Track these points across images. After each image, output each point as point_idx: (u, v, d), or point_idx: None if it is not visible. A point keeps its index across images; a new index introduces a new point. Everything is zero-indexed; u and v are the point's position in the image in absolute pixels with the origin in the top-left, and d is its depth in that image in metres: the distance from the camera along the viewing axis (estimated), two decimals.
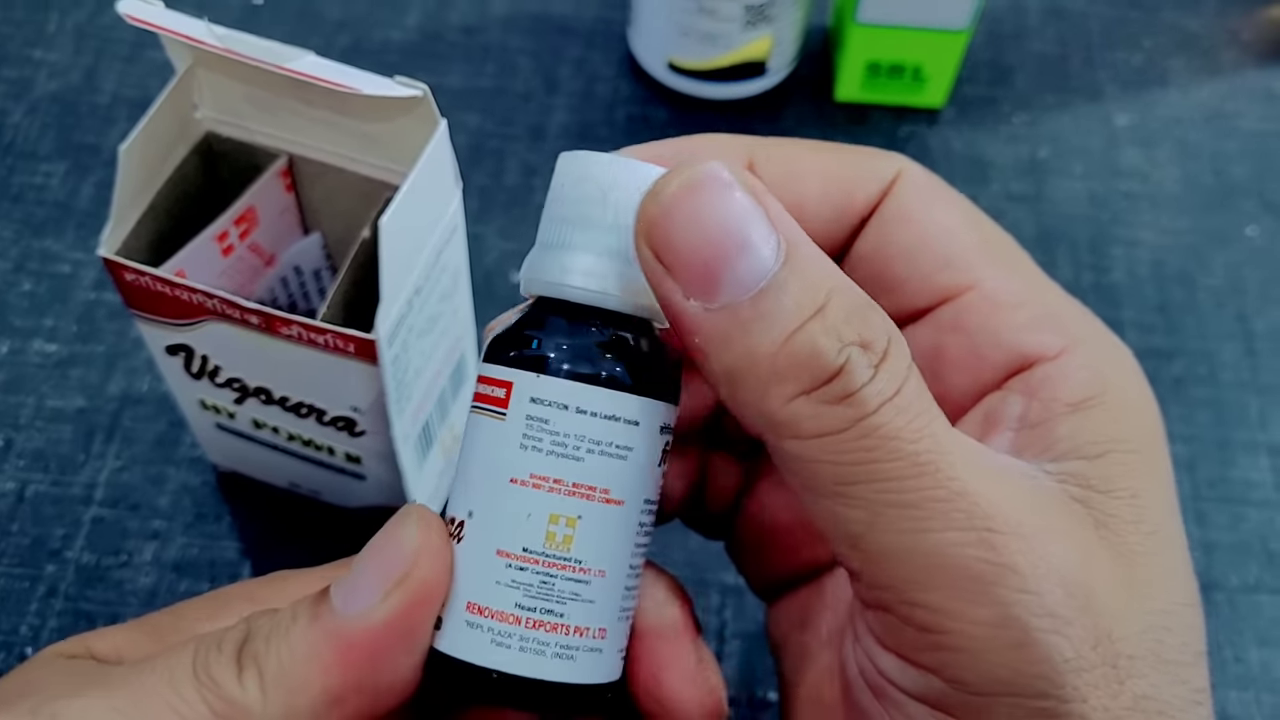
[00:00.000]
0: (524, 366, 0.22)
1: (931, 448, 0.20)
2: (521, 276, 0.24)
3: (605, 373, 0.22)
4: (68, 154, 0.48)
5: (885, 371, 0.20)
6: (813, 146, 0.26)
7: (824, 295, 0.20)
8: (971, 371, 0.25)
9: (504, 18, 0.54)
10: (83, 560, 0.39)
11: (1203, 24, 0.56)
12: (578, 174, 0.23)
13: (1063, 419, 0.23)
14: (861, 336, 0.20)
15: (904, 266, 0.25)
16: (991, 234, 0.26)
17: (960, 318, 0.25)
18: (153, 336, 0.33)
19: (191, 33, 0.29)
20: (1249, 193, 0.50)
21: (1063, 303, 0.25)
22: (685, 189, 0.21)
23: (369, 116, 0.31)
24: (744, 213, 0.20)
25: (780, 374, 0.20)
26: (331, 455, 0.35)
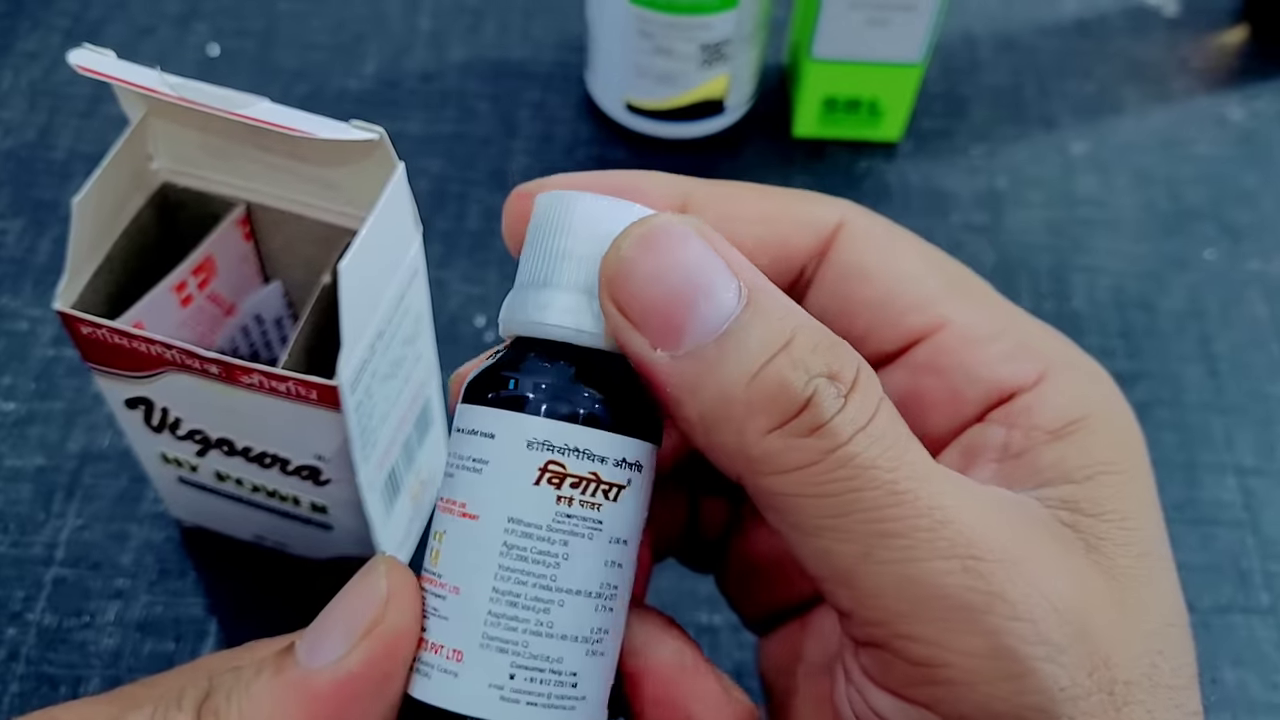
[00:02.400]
0: (504, 407, 0.22)
1: (909, 475, 0.20)
2: (500, 318, 0.23)
3: (584, 411, 0.22)
4: (24, 210, 0.48)
5: (855, 401, 0.20)
6: (751, 190, 0.26)
7: (789, 332, 0.20)
8: (950, 410, 0.25)
9: (462, 63, 0.54)
10: (44, 622, 0.38)
11: (1153, 52, 0.57)
12: (555, 213, 0.23)
13: (1046, 446, 0.23)
14: (829, 367, 0.20)
15: (868, 317, 0.25)
16: (951, 270, 0.26)
17: (934, 358, 0.25)
18: (111, 390, 0.32)
19: (144, 82, 0.29)
20: (1205, 216, 0.51)
21: (1034, 330, 0.25)
22: (643, 242, 0.21)
23: (326, 161, 0.31)
24: (703, 261, 0.21)
25: (751, 410, 0.20)
26: (297, 506, 0.35)
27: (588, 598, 0.22)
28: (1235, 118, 0.54)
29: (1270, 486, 0.43)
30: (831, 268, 0.25)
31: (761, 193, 0.26)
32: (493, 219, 0.48)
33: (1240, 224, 0.50)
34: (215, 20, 0.55)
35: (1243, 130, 0.54)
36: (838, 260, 0.25)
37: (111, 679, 0.37)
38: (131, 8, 0.55)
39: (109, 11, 0.55)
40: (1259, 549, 0.41)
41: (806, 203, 0.26)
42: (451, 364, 0.43)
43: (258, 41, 0.54)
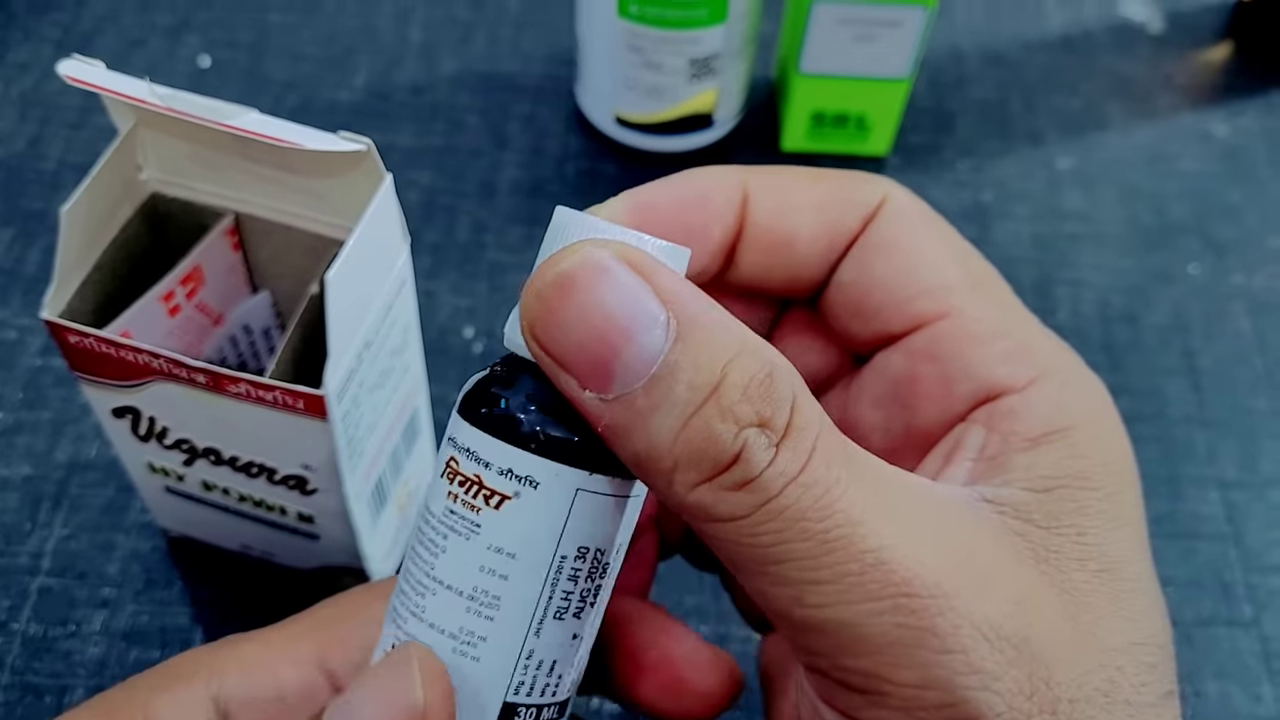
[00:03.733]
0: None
1: (842, 522, 0.20)
2: (511, 332, 0.23)
3: (484, 413, 0.22)
4: (14, 220, 0.48)
5: (787, 449, 0.20)
6: (806, 175, 0.26)
7: (719, 371, 0.20)
8: (941, 400, 0.25)
9: (452, 76, 0.54)
10: (30, 631, 0.38)
11: (1138, 69, 0.57)
12: (557, 230, 0.22)
13: (1020, 453, 0.23)
14: (759, 414, 0.20)
15: (882, 294, 0.25)
16: (973, 263, 0.26)
17: (933, 345, 0.25)
18: (98, 399, 0.32)
19: (133, 93, 0.29)
20: (1190, 231, 0.51)
21: (1038, 335, 0.25)
22: (563, 280, 0.20)
23: (314, 172, 0.31)
24: (628, 296, 0.20)
25: (680, 463, 0.20)
26: (284, 515, 0.35)
27: (458, 596, 0.22)
28: (1220, 134, 0.55)
29: (1252, 500, 0.43)
30: (864, 241, 0.25)
31: (814, 177, 0.26)
32: (482, 231, 0.49)
33: (1224, 239, 0.51)
34: (206, 32, 0.55)
35: (1227, 146, 0.54)
36: (871, 234, 0.25)
37: (96, 688, 0.37)
38: (123, 19, 0.55)
39: (100, 23, 0.55)
40: (1241, 562, 0.41)
41: (856, 182, 0.26)
42: (439, 376, 0.44)
43: (248, 53, 0.55)
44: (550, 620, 0.22)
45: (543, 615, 0.22)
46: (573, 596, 0.22)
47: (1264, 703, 0.38)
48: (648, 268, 0.20)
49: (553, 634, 0.22)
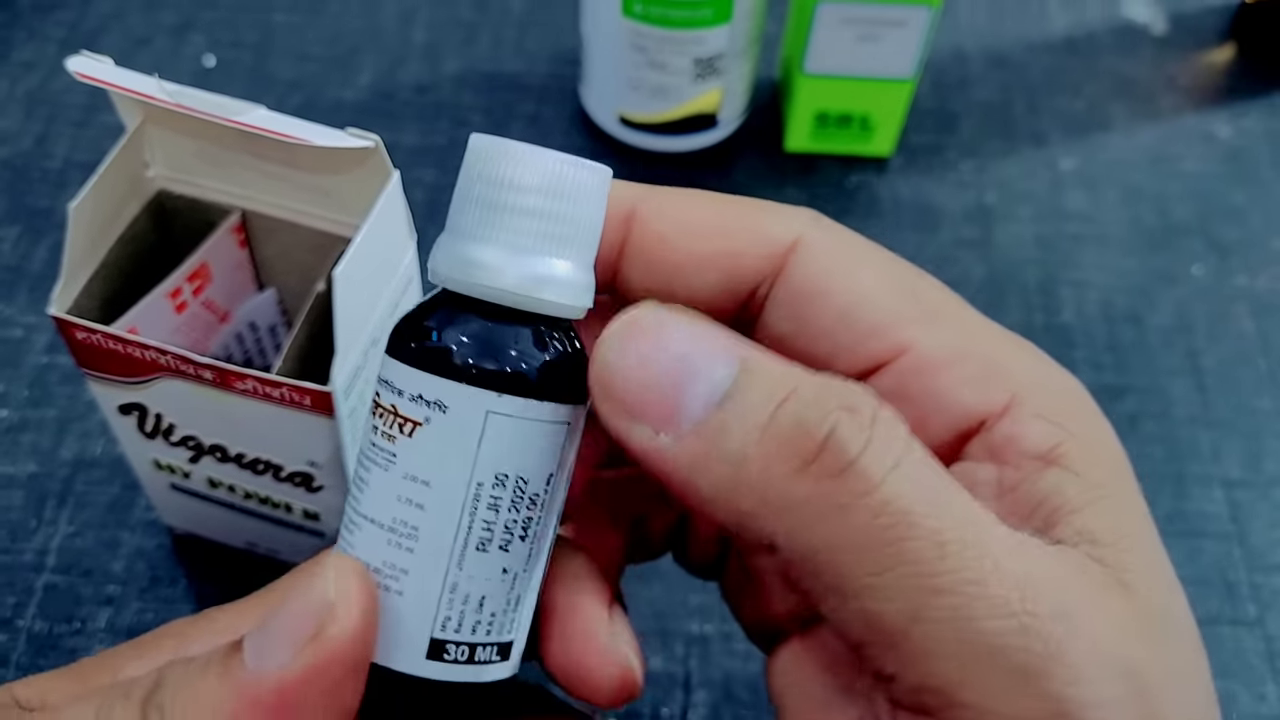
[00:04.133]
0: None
1: (954, 521, 0.19)
2: (430, 264, 0.23)
3: (395, 343, 0.22)
4: (20, 218, 0.48)
5: (880, 436, 0.19)
6: (705, 199, 0.24)
7: (792, 382, 0.19)
8: (921, 437, 0.24)
9: (456, 75, 0.54)
10: (35, 629, 0.38)
11: (1141, 70, 0.57)
12: (487, 161, 0.22)
13: (1040, 476, 0.22)
14: (845, 400, 0.19)
15: (829, 343, 0.24)
16: (914, 285, 0.24)
17: (898, 385, 0.23)
18: (105, 396, 0.32)
19: (142, 89, 0.29)
20: (1193, 232, 0.51)
21: (999, 345, 0.24)
22: (623, 337, 0.20)
23: (322, 169, 0.32)
24: (688, 340, 0.20)
25: (768, 461, 0.19)
26: (289, 513, 0.35)
27: (379, 529, 0.22)
28: (1223, 135, 0.55)
29: (1257, 499, 0.43)
30: (788, 287, 0.24)
31: (716, 202, 0.24)
32: None
33: (1227, 240, 0.51)
34: (211, 31, 0.55)
35: (1230, 148, 0.54)
36: (794, 279, 0.24)
37: None
38: (128, 18, 0.55)
39: (105, 22, 0.55)
40: (1245, 561, 0.41)
41: (764, 214, 0.24)
42: None
43: (253, 53, 0.55)
44: (473, 552, 0.22)
45: (463, 546, 0.22)
46: (495, 527, 0.22)
47: (1268, 701, 0.38)
48: (702, 319, 0.20)
49: (477, 567, 0.22)
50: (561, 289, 0.22)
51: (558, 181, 0.21)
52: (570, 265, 0.22)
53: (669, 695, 0.37)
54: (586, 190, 0.22)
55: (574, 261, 0.22)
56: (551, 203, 0.21)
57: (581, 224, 0.22)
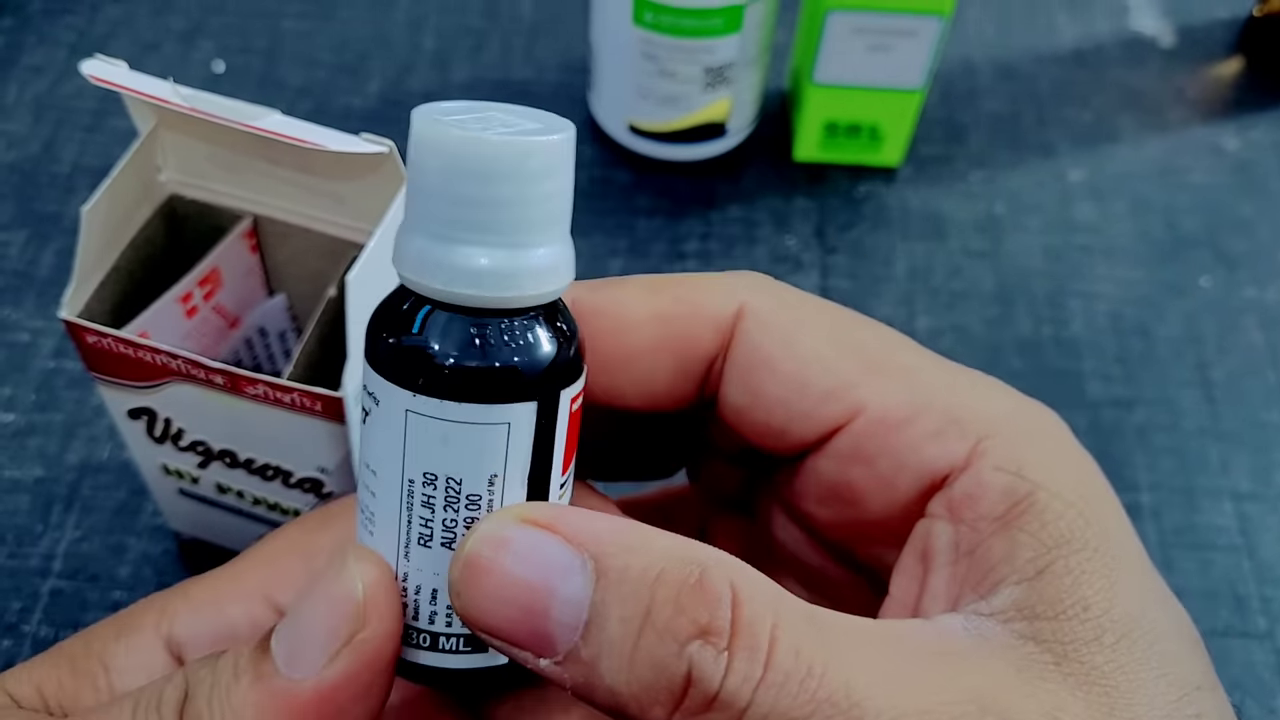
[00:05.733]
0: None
1: (831, 712, 0.18)
2: (403, 261, 0.21)
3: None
4: (28, 222, 0.48)
5: (740, 650, 0.18)
6: (640, 288, 0.24)
7: (646, 596, 0.19)
8: (885, 499, 0.23)
9: (465, 84, 0.54)
10: (40, 634, 0.38)
11: (1149, 82, 0.57)
12: (441, 155, 0.20)
13: (994, 539, 0.21)
14: (697, 623, 0.18)
15: (783, 412, 0.24)
16: (866, 342, 0.24)
17: (857, 447, 0.23)
18: (114, 400, 0.32)
19: (156, 93, 0.29)
20: (1201, 244, 0.51)
21: (958, 393, 0.23)
22: (470, 566, 0.20)
23: (334, 175, 0.31)
24: (537, 557, 0.20)
25: (643, 703, 0.19)
26: None
27: (359, 512, 0.22)
28: (1230, 147, 0.55)
29: (1266, 512, 0.43)
30: (736, 361, 0.24)
31: (651, 288, 0.24)
32: None
33: (1236, 252, 0.51)
34: (220, 37, 0.55)
35: (1238, 160, 0.54)
36: (741, 352, 0.24)
37: None
38: (137, 24, 0.56)
39: (114, 27, 0.55)
40: (1255, 574, 0.41)
41: (701, 292, 0.24)
42: None
43: (262, 59, 0.55)
44: (416, 546, 0.21)
45: (405, 540, 0.21)
46: (433, 525, 0.21)
47: (1279, 715, 0.38)
48: (549, 517, 0.20)
49: (423, 560, 0.21)
50: (487, 279, 0.20)
51: (481, 164, 0.20)
52: (505, 252, 0.20)
53: None
54: (519, 168, 0.20)
55: (511, 247, 0.20)
56: (481, 188, 0.20)
57: (518, 203, 0.20)
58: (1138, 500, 0.43)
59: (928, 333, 0.47)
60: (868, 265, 0.49)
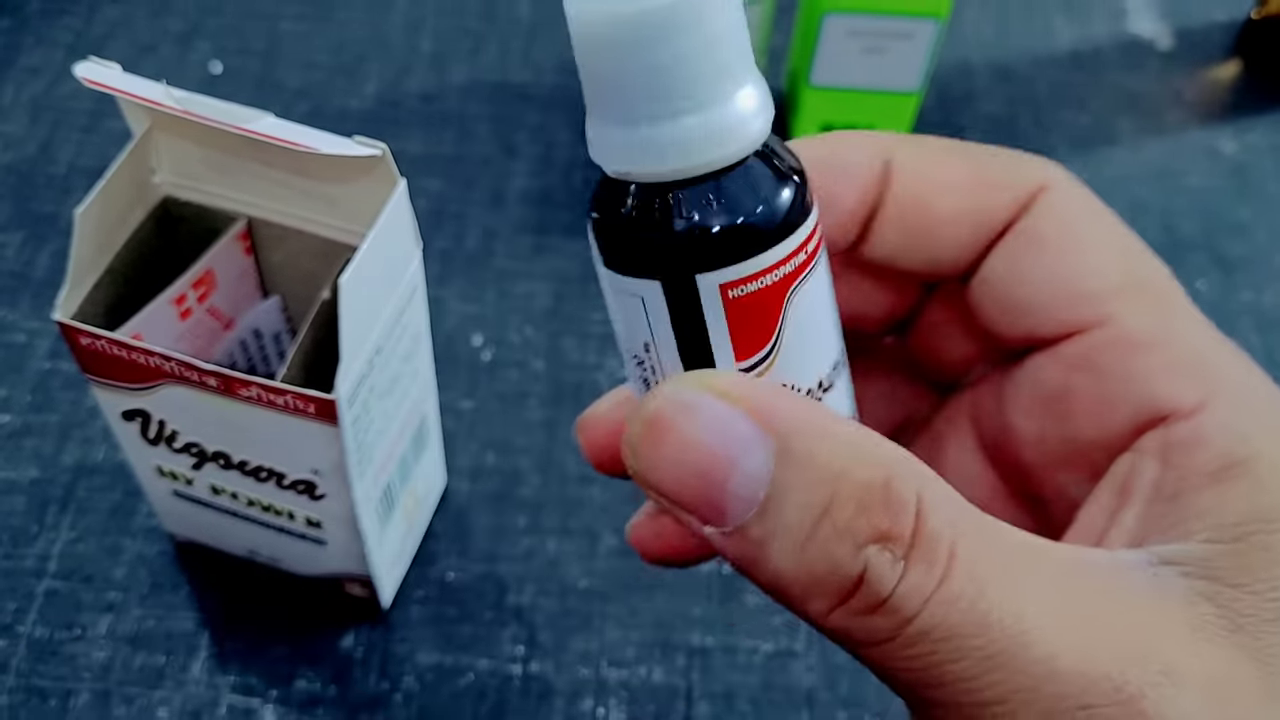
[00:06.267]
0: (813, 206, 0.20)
1: (1001, 631, 0.18)
2: (628, 160, 0.20)
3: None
4: (24, 223, 0.48)
5: (918, 561, 0.18)
6: (957, 151, 0.24)
7: (829, 488, 0.18)
8: (1100, 418, 0.23)
9: (462, 85, 0.54)
10: (35, 635, 0.38)
11: (1147, 85, 0.57)
12: (620, 39, 0.19)
13: (1200, 492, 0.20)
14: (878, 528, 0.18)
15: (1033, 294, 0.23)
16: (1138, 262, 0.23)
17: (1090, 356, 0.23)
18: (108, 402, 0.32)
19: (150, 95, 0.29)
20: (1198, 247, 0.51)
21: (1210, 344, 0.22)
22: (652, 429, 0.19)
23: (328, 178, 0.32)
24: (721, 427, 0.19)
25: (807, 593, 0.19)
26: (291, 520, 0.35)
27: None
28: (1228, 151, 0.55)
29: None
30: (1016, 232, 0.23)
31: (965, 154, 0.24)
32: (490, 239, 0.49)
33: (1232, 256, 0.51)
34: (218, 38, 0.55)
35: (1235, 163, 0.54)
36: (1025, 225, 0.23)
37: (101, 692, 0.37)
38: (134, 25, 0.56)
39: (112, 28, 0.55)
40: None
41: (1011, 164, 0.24)
42: (448, 383, 0.44)
43: (260, 60, 0.55)
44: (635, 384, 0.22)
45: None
46: (631, 375, 0.22)
47: None
48: (739, 390, 0.19)
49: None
50: (637, 151, 0.19)
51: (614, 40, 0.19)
52: (653, 122, 0.19)
53: (670, 707, 0.37)
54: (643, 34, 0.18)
55: (657, 113, 0.19)
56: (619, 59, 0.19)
57: (660, 69, 0.19)
58: None
59: None
60: None
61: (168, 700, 0.37)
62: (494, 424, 0.43)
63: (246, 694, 0.37)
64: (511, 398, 0.44)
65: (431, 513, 0.41)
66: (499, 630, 0.39)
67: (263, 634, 0.38)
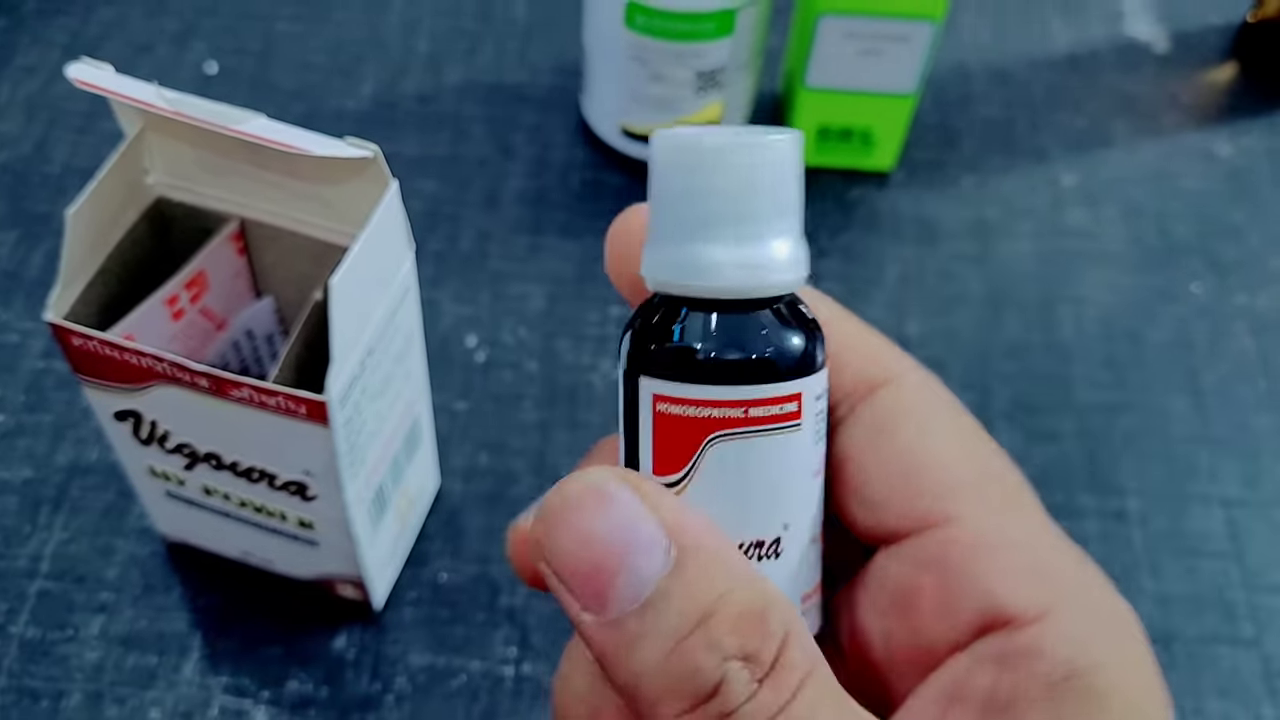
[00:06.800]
0: (805, 374, 0.21)
1: None
2: (654, 272, 0.21)
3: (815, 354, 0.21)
4: (18, 223, 0.48)
5: (770, 686, 0.19)
6: (850, 318, 0.24)
7: (713, 600, 0.19)
8: (945, 618, 0.22)
9: (458, 86, 0.54)
10: (27, 635, 0.38)
11: (1143, 87, 0.57)
12: (697, 162, 0.21)
13: (1035, 704, 0.20)
14: (745, 649, 0.19)
15: (886, 488, 0.23)
16: (988, 462, 0.23)
17: (938, 553, 0.22)
18: (100, 402, 0.32)
19: (141, 96, 0.29)
20: (1192, 250, 0.51)
21: (1056, 550, 0.22)
22: (566, 506, 0.20)
23: (320, 179, 0.31)
24: (632, 521, 0.20)
25: (663, 695, 0.19)
26: (283, 522, 0.35)
27: None
28: (1223, 154, 0.55)
29: (1255, 518, 0.43)
30: (871, 411, 0.24)
31: (851, 318, 0.25)
32: (485, 240, 0.49)
33: (1227, 259, 0.51)
34: (213, 39, 0.55)
35: (1231, 166, 0.54)
36: (876, 412, 0.24)
37: (93, 693, 0.37)
38: (130, 25, 0.56)
39: (107, 28, 0.55)
40: (1243, 580, 0.41)
41: (885, 346, 0.25)
42: (441, 384, 0.44)
43: (255, 60, 0.55)
44: None
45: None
46: None
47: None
48: (654, 496, 0.20)
49: None
50: (649, 264, 0.21)
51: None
52: (696, 245, 0.21)
53: None
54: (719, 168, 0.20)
55: (699, 240, 0.21)
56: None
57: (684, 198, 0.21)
58: (1125, 506, 0.43)
59: (917, 337, 0.47)
60: (859, 269, 0.49)
61: (159, 701, 0.37)
62: (488, 425, 0.43)
63: (238, 695, 0.37)
64: (505, 399, 0.44)
65: (424, 514, 0.41)
66: (491, 632, 0.39)
67: (255, 635, 0.38)
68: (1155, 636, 0.40)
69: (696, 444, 0.21)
